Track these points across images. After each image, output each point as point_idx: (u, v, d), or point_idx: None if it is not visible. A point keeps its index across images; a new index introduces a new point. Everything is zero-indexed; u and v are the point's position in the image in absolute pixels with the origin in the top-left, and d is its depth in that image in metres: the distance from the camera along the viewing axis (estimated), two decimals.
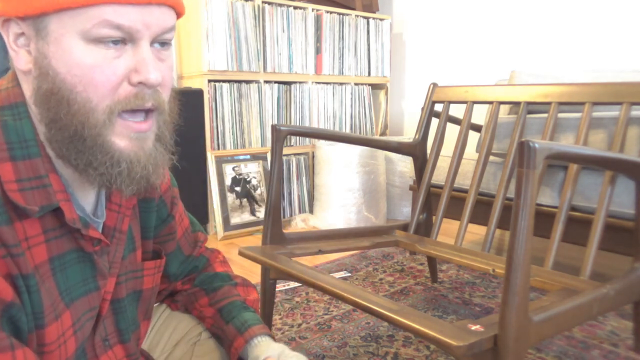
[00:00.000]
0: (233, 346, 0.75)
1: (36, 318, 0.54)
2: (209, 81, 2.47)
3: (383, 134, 3.34)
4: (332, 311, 1.64)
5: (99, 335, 0.64)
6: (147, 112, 0.56)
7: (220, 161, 2.54)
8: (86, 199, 0.62)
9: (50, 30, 0.52)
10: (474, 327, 0.83)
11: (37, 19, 0.52)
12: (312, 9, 2.86)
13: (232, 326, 0.76)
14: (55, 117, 0.53)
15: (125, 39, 0.53)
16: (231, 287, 0.83)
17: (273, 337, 0.76)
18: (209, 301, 0.81)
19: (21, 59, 0.54)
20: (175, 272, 0.83)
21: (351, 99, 3.11)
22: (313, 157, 2.92)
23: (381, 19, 3.21)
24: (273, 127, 1.39)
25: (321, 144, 2.81)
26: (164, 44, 0.57)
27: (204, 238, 0.87)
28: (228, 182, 2.56)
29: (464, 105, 2.85)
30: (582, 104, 1.40)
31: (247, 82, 2.63)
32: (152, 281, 0.74)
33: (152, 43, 0.55)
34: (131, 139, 0.56)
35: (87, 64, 0.52)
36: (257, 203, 2.66)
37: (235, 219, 2.56)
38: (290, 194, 2.86)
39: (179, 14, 0.59)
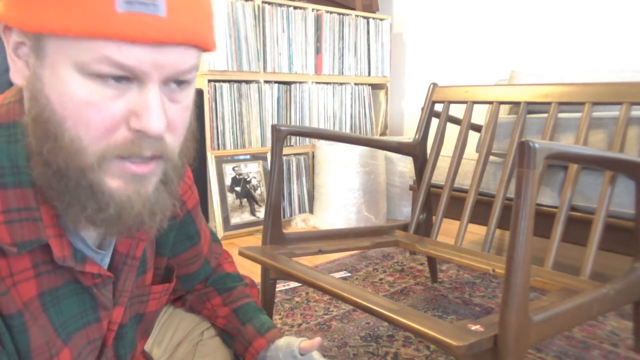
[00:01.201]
0: (252, 346, 0.75)
1: (22, 358, 0.49)
2: (209, 81, 2.47)
3: (383, 134, 3.34)
4: (332, 311, 1.64)
5: None
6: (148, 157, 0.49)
7: (220, 161, 2.54)
8: (87, 230, 0.54)
9: (48, 54, 0.45)
10: (474, 327, 0.83)
11: (36, 37, 0.45)
12: (312, 9, 2.86)
13: (252, 327, 0.77)
14: (38, 150, 0.47)
15: (129, 77, 0.45)
16: (244, 288, 0.84)
17: None
18: (222, 301, 0.81)
19: (18, 71, 0.48)
20: (196, 284, 0.83)
21: (351, 99, 3.11)
22: (313, 157, 2.92)
23: (381, 19, 3.21)
24: (273, 127, 1.39)
25: (321, 144, 2.81)
26: (183, 82, 0.49)
27: (221, 250, 0.87)
28: (228, 182, 2.56)
29: (464, 105, 2.85)
30: (582, 104, 1.40)
31: (247, 82, 2.63)
32: (157, 304, 0.70)
33: (165, 83, 0.47)
34: (127, 181, 0.48)
35: (80, 99, 0.44)
36: (257, 203, 2.66)
37: (235, 219, 2.56)
38: (290, 194, 2.86)
39: (207, 50, 0.51)
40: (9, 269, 0.48)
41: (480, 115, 2.80)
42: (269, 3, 2.67)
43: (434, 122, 1.83)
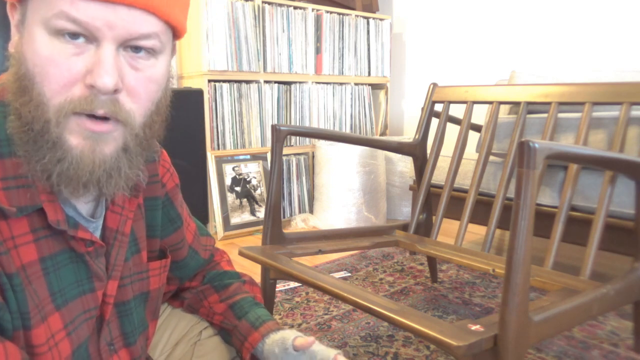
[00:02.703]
0: (247, 341, 0.75)
1: (23, 318, 0.53)
2: (209, 81, 2.47)
3: (383, 134, 3.34)
4: (332, 311, 1.64)
5: (104, 340, 0.63)
6: (105, 117, 0.52)
7: (220, 161, 2.54)
8: (81, 198, 0.59)
9: (27, 17, 0.51)
10: (474, 327, 0.83)
11: (23, 4, 0.51)
12: (312, 9, 2.86)
13: (246, 321, 0.77)
14: (17, 106, 0.51)
15: (86, 35, 0.49)
16: (241, 284, 0.83)
17: None
18: (219, 297, 0.81)
19: (13, 43, 0.54)
20: (189, 275, 0.83)
21: (351, 99, 3.11)
22: (313, 157, 2.92)
23: (381, 19, 3.21)
24: (273, 127, 1.39)
25: (321, 144, 2.81)
26: (140, 50, 0.52)
27: (212, 242, 0.88)
28: (228, 182, 2.56)
29: (464, 105, 2.85)
30: (582, 104, 1.40)
31: (247, 82, 2.63)
32: (159, 281, 0.73)
33: (120, 47, 0.51)
34: (85, 137, 0.51)
35: (45, 55, 0.49)
36: (257, 203, 2.66)
37: (235, 219, 2.56)
38: (290, 194, 2.86)
39: (174, 29, 0.55)
40: (10, 232, 0.52)
41: (480, 115, 2.80)
42: (269, 3, 2.67)
43: (434, 122, 1.83)
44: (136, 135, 0.54)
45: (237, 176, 2.59)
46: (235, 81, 2.59)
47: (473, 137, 2.71)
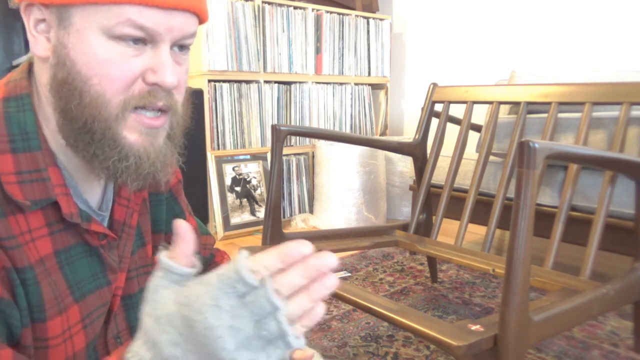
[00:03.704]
0: None
1: (34, 312, 0.53)
2: (209, 81, 2.47)
3: (383, 134, 3.34)
4: (332, 311, 1.64)
5: (111, 333, 0.64)
6: (160, 110, 0.57)
7: (220, 161, 2.54)
8: (91, 193, 0.62)
9: (74, 22, 0.52)
10: (474, 327, 0.83)
11: (62, 8, 0.52)
12: (312, 9, 2.86)
13: None
14: (66, 107, 0.54)
15: (146, 39, 0.53)
16: None
17: None
18: None
19: (39, 45, 0.55)
20: None
21: (351, 99, 3.11)
22: (313, 157, 2.92)
23: (381, 19, 3.21)
24: (273, 127, 1.39)
25: (321, 144, 2.81)
26: (183, 48, 0.58)
27: (212, 241, 0.88)
28: (228, 182, 2.56)
29: (464, 105, 2.85)
30: (582, 104, 1.40)
31: (247, 82, 2.63)
32: None
33: (171, 46, 0.56)
34: (142, 133, 0.56)
35: (105, 58, 0.52)
36: (257, 203, 2.66)
37: (235, 219, 2.56)
38: (290, 194, 2.86)
39: (201, 21, 0.60)
40: (27, 225, 0.53)
41: (480, 115, 2.80)
42: (269, 3, 2.67)
43: (434, 122, 1.82)
44: (177, 122, 0.60)
45: (237, 176, 2.59)
46: (235, 81, 2.59)
47: (473, 137, 2.70)
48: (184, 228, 0.45)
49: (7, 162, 0.53)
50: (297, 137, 2.88)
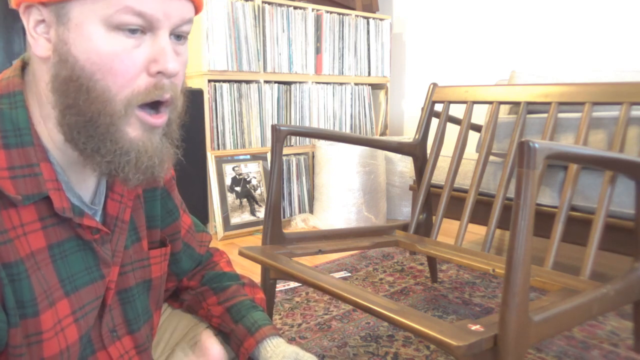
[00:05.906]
0: (243, 346, 0.75)
1: (26, 307, 0.54)
2: (209, 81, 2.47)
3: (383, 134, 3.34)
4: (332, 311, 1.64)
5: (106, 326, 0.65)
6: (163, 104, 0.57)
7: (220, 161, 2.54)
8: (85, 187, 0.62)
9: (72, 17, 0.52)
10: (474, 327, 0.83)
11: (59, 4, 0.52)
12: (312, 9, 2.86)
13: (242, 326, 0.76)
14: (73, 104, 0.54)
15: (144, 28, 0.53)
16: (239, 287, 0.83)
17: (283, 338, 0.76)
18: (217, 300, 0.81)
19: (40, 46, 0.55)
20: (185, 270, 0.84)
21: (351, 99, 3.11)
22: (313, 157, 2.92)
23: (381, 19, 3.21)
24: (273, 127, 1.39)
25: (321, 144, 2.81)
26: (180, 37, 0.58)
27: (209, 238, 0.88)
28: (228, 182, 2.56)
29: (464, 105, 2.85)
30: (582, 104, 1.40)
31: (247, 82, 2.63)
32: (160, 269, 0.74)
33: (170, 34, 0.56)
34: (143, 130, 0.57)
35: (106, 52, 0.52)
36: (257, 203, 2.66)
37: (235, 219, 2.56)
38: (290, 194, 2.86)
39: (197, 9, 0.60)
40: (19, 220, 0.54)
41: (480, 115, 2.80)
42: (269, 3, 2.67)
43: (434, 122, 1.83)
44: (175, 119, 0.60)
45: (237, 176, 2.59)
46: (235, 81, 2.59)
47: (473, 137, 2.71)
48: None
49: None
50: (297, 137, 2.88)
